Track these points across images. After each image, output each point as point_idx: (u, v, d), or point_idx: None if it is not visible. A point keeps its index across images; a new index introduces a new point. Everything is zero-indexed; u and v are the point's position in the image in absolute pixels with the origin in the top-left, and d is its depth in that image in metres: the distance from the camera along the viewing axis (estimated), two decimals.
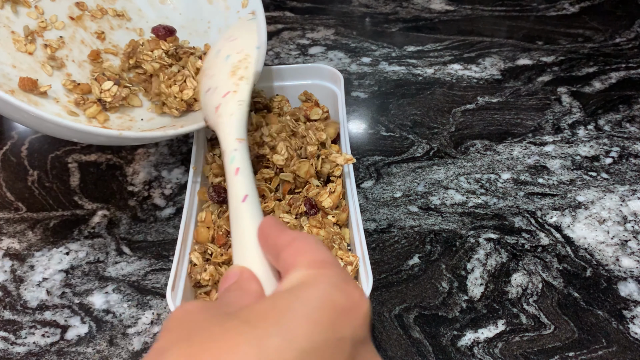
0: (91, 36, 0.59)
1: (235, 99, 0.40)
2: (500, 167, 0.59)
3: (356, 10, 0.85)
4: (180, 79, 0.55)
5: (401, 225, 0.54)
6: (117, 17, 0.61)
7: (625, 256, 0.50)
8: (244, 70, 0.43)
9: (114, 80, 0.53)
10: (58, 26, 0.56)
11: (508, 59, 0.75)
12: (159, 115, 0.55)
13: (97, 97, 0.53)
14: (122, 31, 0.61)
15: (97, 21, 0.60)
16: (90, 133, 0.43)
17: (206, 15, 0.62)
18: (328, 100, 0.58)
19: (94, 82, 0.54)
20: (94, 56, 0.57)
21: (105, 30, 0.60)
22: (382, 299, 0.47)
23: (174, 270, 0.40)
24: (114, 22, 0.61)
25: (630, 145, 0.61)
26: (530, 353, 0.43)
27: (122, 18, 0.61)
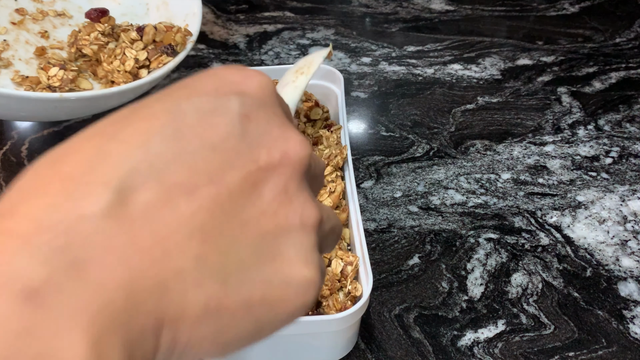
0: (35, 36, 0.62)
1: (292, 85, 0.46)
2: (500, 167, 0.59)
3: (356, 10, 0.85)
4: (119, 52, 0.59)
5: (401, 225, 0.54)
6: (59, 16, 0.65)
7: (625, 256, 0.50)
8: (306, 69, 0.48)
9: (59, 66, 0.56)
10: (0, 31, 0.60)
11: (508, 59, 0.75)
12: None
13: (45, 84, 0.55)
14: (65, 28, 0.65)
15: (39, 23, 0.64)
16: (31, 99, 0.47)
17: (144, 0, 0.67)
18: (328, 100, 0.58)
19: (41, 71, 0.57)
20: (40, 52, 0.60)
21: (48, 30, 0.64)
22: (382, 299, 0.47)
23: None
24: (56, 22, 0.65)
25: (630, 145, 0.61)
26: (530, 353, 0.43)
27: (63, 17, 0.66)
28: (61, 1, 0.67)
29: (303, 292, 0.18)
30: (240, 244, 0.16)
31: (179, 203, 0.15)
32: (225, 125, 0.17)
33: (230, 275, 0.16)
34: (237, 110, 0.18)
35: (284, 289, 0.17)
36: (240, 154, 0.17)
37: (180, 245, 0.15)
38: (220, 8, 0.85)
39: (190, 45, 0.62)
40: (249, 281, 0.17)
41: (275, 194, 0.17)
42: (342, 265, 0.41)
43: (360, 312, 0.38)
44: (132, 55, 0.58)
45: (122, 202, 0.15)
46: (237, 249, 0.16)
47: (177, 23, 0.64)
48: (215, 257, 0.16)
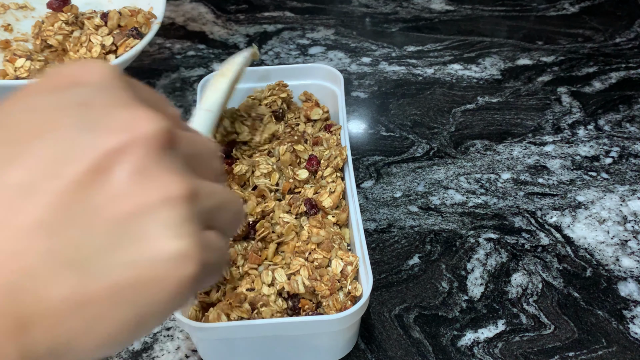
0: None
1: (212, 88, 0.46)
2: (500, 167, 0.59)
3: (356, 10, 0.85)
4: (84, 39, 0.58)
5: (401, 225, 0.54)
6: (21, 9, 0.66)
7: (625, 256, 0.50)
8: (226, 71, 0.48)
9: (25, 57, 0.56)
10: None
11: (508, 59, 0.75)
12: None
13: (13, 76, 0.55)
14: (29, 20, 0.66)
15: (1, 16, 0.65)
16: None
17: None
18: (328, 100, 0.58)
19: (7, 63, 0.57)
20: (5, 45, 0.60)
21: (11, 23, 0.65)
22: (382, 299, 0.47)
23: None
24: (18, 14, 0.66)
25: (630, 145, 0.61)
26: (530, 353, 0.43)
27: (25, 9, 0.67)
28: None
29: (177, 267, 0.17)
30: (93, 232, 0.16)
31: (20, 204, 0.15)
32: (59, 119, 0.17)
33: (86, 264, 0.16)
34: (72, 100, 0.17)
35: (153, 267, 0.17)
36: (81, 144, 0.16)
37: (26, 244, 0.15)
38: (220, 8, 0.85)
39: (156, 26, 0.61)
40: (110, 267, 0.16)
41: (129, 175, 0.16)
42: (342, 265, 0.41)
43: (360, 312, 0.38)
44: (98, 42, 0.58)
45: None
46: (91, 237, 0.16)
47: (142, 7, 0.64)
48: (67, 250, 0.16)
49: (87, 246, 0.16)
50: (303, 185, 0.49)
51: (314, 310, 0.41)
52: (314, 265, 0.42)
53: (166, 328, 0.46)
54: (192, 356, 0.44)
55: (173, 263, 0.17)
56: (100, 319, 0.16)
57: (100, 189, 0.16)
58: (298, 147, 0.51)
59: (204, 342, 0.41)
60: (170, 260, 0.17)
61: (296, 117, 0.56)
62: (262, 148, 0.52)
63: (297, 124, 0.55)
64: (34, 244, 0.15)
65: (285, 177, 0.49)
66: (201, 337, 0.40)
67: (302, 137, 0.53)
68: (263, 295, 0.40)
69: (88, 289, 0.16)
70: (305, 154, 0.51)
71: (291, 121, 0.55)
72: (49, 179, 0.16)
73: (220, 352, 0.41)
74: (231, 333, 0.37)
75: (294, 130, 0.55)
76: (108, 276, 0.16)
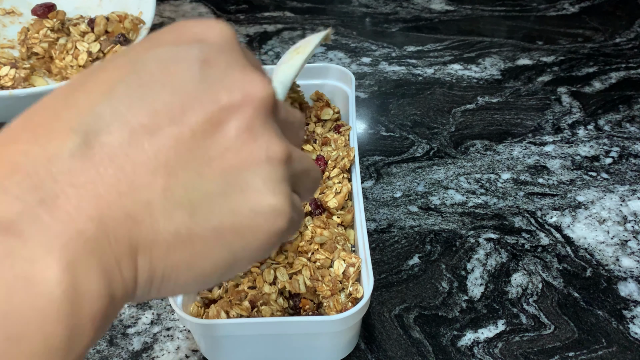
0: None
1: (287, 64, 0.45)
2: (500, 167, 0.59)
3: (356, 10, 0.85)
4: (70, 46, 0.57)
5: (401, 225, 0.54)
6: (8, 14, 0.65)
7: (625, 256, 0.50)
8: (302, 49, 0.47)
9: (10, 65, 0.55)
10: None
11: (508, 59, 0.75)
12: None
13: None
14: (16, 26, 0.64)
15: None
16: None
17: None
18: (339, 100, 0.58)
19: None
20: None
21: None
22: (382, 299, 0.47)
23: None
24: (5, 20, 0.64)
25: (630, 145, 0.61)
26: (530, 353, 0.43)
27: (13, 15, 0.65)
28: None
29: (272, 220, 0.19)
30: (205, 177, 0.17)
31: (142, 143, 0.17)
32: (184, 71, 0.18)
33: (197, 206, 0.17)
34: (197, 56, 0.18)
35: (252, 217, 0.18)
36: (201, 96, 0.18)
37: (146, 179, 0.17)
38: (220, 8, 0.85)
39: (144, 32, 0.60)
40: (217, 211, 0.18)
41: (239, 132, 0.18)
42: (344, 266, 0.41)
43: (360, 313, 0.38)
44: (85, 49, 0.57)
45: (88, 143, 0.16)
46: (203, 182, 0.17)
47: (132, 12, 0.63)
48: (181, 190, 0.17)
49: (198, 190, 0.17)
50: None
51: (314, 311, 0.41)
52: (316, 265, 0.42)
53: (166, 328, 0.46)
54: (192, 356, 0.44)
55: (270, 216, 0.18)
56: (201, 255, 0.18)
57: (213, 139, 0.18)
58: (307, 147, 0.51)
59: (206, 339, 0.41)
60: (267, 214, 0.18)
61: (307, 116, 0.56)
62: None
63: (307, 124, 0.55)
64: (153, 180, 0.17)
65: None
66: (202, 335, 0.40)
67: (312, 137, 0.53)
68: (264, 294, 0.40)
69: (196, 227, 0.17)
70: (313, 154, 0.51)
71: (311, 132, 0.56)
72: (171, 124, 0.17)
73: (222, 350, 0.41)
74: (230, 330, 0.37)
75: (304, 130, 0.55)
76: (214, 219, 0.18)
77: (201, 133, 0.17)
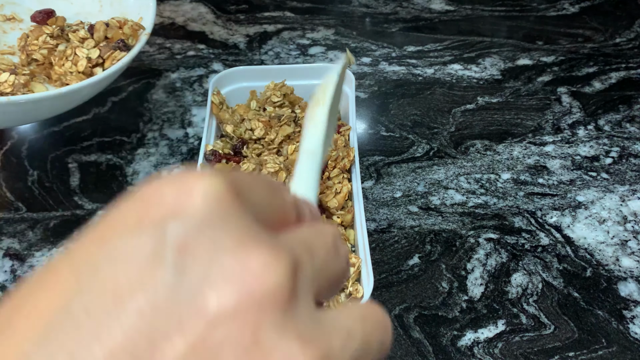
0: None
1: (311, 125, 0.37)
2: (500, 167, 0.59)
3: (356, 10, 0.85)
4: (70, 53, 0.57)
5: (401, 225, 0.54)
6: (8, 21, 0.63)
7: (625, 256, 0.50)
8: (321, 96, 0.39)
9: (9, 71, 0.54)
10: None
11: (508, 59, 0.75)
12: None
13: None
14: (16, 32, 0.62)
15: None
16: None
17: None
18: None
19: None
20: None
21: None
22: (382, 299, 0.47)
23: None
24: (5, 26, 0.63)
25: (630, 145, 0.61)
26: (530, 353, 0.43)
27: (13, 21, 0.63)
28: (10, 5, 0.64)
29: None
30: None
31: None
32: (151, 277, 0.13)
33: None
34: (169, 244, 0.13)
35: None
36: (178, 313, 0.12)
37: None
38: (220, 8, 0.85)
39: (144, 37, 0.59)
40: None
41: (240, 354, 0.13)
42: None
43: None
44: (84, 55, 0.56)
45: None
46: None
47: (132, 18, 0.62)
48: None
49: None
50: None
51: None
52: None
53: None
54: None
55: None
56: None
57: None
58: None
59: None
60: None
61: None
62: (271, 147, 0.53)
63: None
64: None
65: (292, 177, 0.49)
66: None
67: None
68: None
69: None
70: None
71: (301, 120, 0.56)
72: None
73: None
74: None
75: None
76: None
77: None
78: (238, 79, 0.58)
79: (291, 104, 0.57)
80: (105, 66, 0.57)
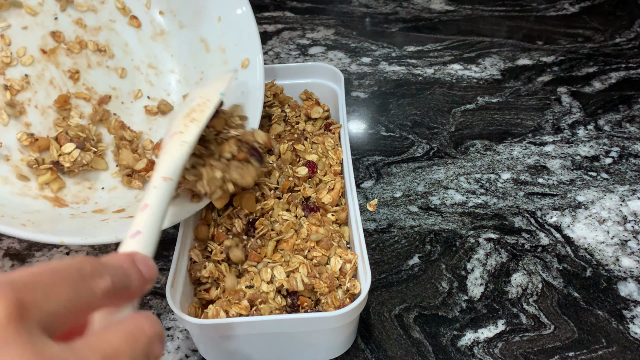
0: (63, 75, 0.49)
1: (179, 139, 0.38)
2: (500, 167, 0.59)
3: (356, 10, 0.85)
4: None
5: (401, 225, 0.54)
6: (99, 52, 0.52)
7: (625, 256, 0.50)
8: (198, 114, 0.40)
9: (77, 143, 0.46)
10: (25, 61, 0.47)
11: (508, 59, 0.75)
12: (124, 186, 0.48)
13: (54, 159, 0.45)
14: (101, 70, 0.52)
15: (74, 56, 0.50)
16: (29, 238, 0.37)
17: (200, 64, 0.54)
18: (329, 99, 0.58)
19: (54, 142, 0.46)
20: (62, 103, 0.48)
21: (80, 69, 0.50)
22: (382, 299, 0.47)
23: (174, 267, 0.40)
24: (92, 59, 0.52)
25: (630, 145, 0.61)
26: (530, 353, 0.43)
27: (103, 54, 0.52)
28: (107, 30, 0.53)
29: None
30: None
31: None
32: None
33: None
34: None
35: None
36: None
37: None
38: None
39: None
40: None
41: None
42: (341, 263, 0.41)
43: (358, 309, 0.38)
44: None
45: None
46: None
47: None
48: None
49: None
50: (302, 184, 0.49)
51: (312, 308, 0.41)
52: (313, 262, 0.42)
53: (166, 328, 0.46)
54: (192, 356, 0.44)
55: None
56: None
57: None
58: (299, 146, 0.52)
59: (204, 339, 0.41)
60: None
61: (296, 115, 0.56)
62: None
63: (297, 122, 0.56)
64: None
65: (284, 176, 0.49)
66: (200, 335, 0.40)
67: (302, 135, 0.54)
68: (262, 292, 0.40)
69: None
70: (305, 153, 0.51)
71: (291, 120, 0.56)
72: None
73: (221, 350, 0.41)
74: (230, 329, 0.37)
75: (294, 128, 0.55)
76: None
77: None
78: None
79: (281, 103, 0.57)
80: None
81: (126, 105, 0.53)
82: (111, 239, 0.39)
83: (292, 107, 0.57)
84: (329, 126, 0.55)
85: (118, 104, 0.52)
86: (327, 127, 0.55)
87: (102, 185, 0.48)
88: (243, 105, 0.49)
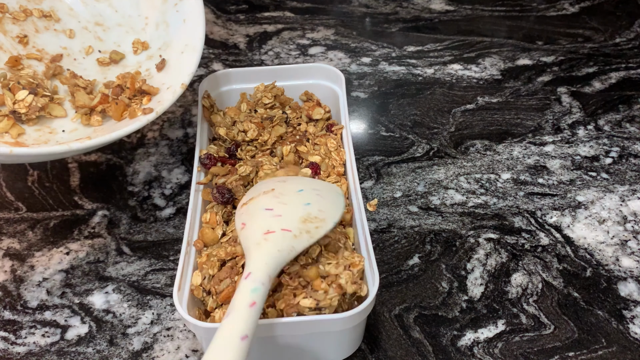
0: (12, 41, 0.52)
1: (292, 241, 0.38)
2: (500, 167, 0.59)
3: (356, 10, 0.85)
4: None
5: (401, 225, 0.54)
6: (44, 17, 0.55)
7: (625, 256, 0.50)
8: (314, 230, 0.40)
9: (29, 89, 0.48)
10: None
11: (508, 59, 0.75)
12: (84, 126, 0.50)
13: (10, 108, 0.47)
14: (49, 33, 0.55)
15: (20, 24, 0.53)
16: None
17: (143, 10, 0.58)
18: (329, 100, 0.58)
19: (7, 92, 0.48)
20: (13, 63, 0.51)
21: (28, 34, 0.53)
22: (382, 299, 0.47)
23: (180, 271, 0.40)
24: (39, 24, 0.55)
25: (630, 145, 0.61)
26: (530, 353, 0.43)
27: (49, 19, 0.55)
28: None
29: None
30: None
31: None
32: None
33: None
34: None
35: None
36: None
37: None
38: (220, 8, 0.85)
39: (180, 90, 0.50)
40: None
41: None
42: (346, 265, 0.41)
43: (366, 311, 0.38)
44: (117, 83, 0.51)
45: None
46: None
47: (174, 50, 0.55)
48: None
49: None
50: None
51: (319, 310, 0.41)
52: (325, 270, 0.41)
53: (166, 328, 0.46)
54: (192, 356, 0.44)
55: None
56: None
57: None
58: (301, 148, 0.52)
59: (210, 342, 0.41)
60: None
61: (298, 116, 0.56)
62: (264, 148, 0.53)
63: (299, 124, 0.56)
64: None
65: None
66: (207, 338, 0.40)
67: (304, 136, 0.54)
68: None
69: None
70: (308, 155, 0.51)
71: (293, 121, 0.56)
72: None
73: None
74: None
75: (296, 129, 0.55)
76: None
77: None
78: (224, 82, 0.58)
79: (282, 105, 0.57)
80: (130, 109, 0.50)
81: (79, 61, 0.56)
82: (63, 148, 0.41)
83: (293, 109, 0.57)
84: (330, 127, 0.55)
85: (70, 60, 0.55)
86: (329, 128, 0.55)
87: (62, 128, 0.50)
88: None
